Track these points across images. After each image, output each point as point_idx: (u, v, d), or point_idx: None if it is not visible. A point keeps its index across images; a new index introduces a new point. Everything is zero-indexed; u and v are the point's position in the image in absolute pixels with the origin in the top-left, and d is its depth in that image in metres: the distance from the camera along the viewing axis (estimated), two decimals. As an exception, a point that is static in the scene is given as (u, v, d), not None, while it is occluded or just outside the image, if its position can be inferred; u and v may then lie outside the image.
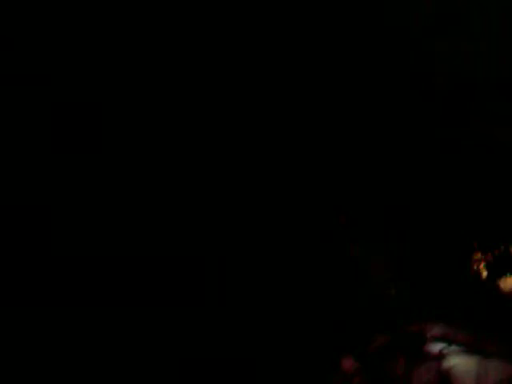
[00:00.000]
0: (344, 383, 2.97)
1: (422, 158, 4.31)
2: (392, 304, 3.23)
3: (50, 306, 4.46)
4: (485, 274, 3.30)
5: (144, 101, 4.88)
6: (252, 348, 3.96)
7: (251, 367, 3.89)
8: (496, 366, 2.93)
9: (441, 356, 2.96)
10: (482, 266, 3.29)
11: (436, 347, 3.02)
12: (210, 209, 4.81)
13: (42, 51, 4.60)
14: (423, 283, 3.24)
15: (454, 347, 3.02)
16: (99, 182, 4.78)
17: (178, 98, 4.91)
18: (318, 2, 4.74)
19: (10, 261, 4.47)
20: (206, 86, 4.90)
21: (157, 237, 4.77)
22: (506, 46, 4.46)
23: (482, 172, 4.05)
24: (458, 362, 2.95)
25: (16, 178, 4.59)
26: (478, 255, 3.28)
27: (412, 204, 3.94)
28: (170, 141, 4.91)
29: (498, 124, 4.38)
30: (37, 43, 4.59)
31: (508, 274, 3.25)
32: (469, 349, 3.01)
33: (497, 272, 3.16)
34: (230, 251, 4.65)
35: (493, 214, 3.62)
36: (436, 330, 3.04)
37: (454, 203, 3.81)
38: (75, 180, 4.72)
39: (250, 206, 4.78)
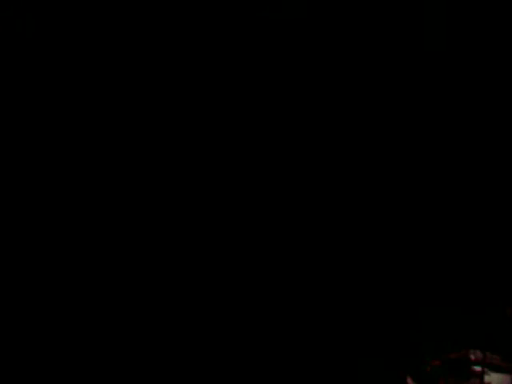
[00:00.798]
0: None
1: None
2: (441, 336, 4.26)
3: (48, 306, 4.28)
4: None
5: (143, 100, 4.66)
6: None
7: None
8: (523, 380, 3.92)
9: (481, 374, 3.96)
10: None
11: (477, 368, 4.02)
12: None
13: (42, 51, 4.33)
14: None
15: (490, 367, 4.03)
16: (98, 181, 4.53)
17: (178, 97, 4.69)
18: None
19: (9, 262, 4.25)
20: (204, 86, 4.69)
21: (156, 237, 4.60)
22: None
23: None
24: (494, 377, 3.94)
25: (15, 178, 4.34)
26: None
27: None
28: (170, 141, 4.70)
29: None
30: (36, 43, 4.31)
31: None
32: (501, 369, 4.01)
33: None
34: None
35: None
36: (476, 355, 4.05)
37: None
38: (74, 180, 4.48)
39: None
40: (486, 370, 4.00)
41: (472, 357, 4.05)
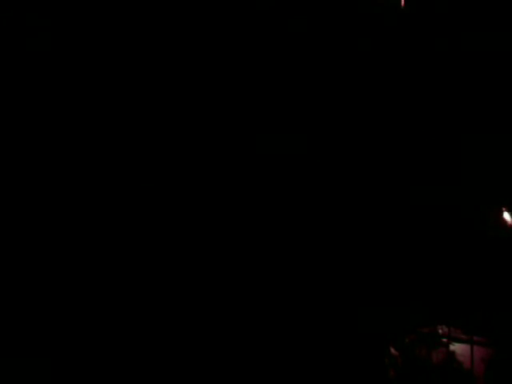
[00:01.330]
0: (391, 363, 5.09)
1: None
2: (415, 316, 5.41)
3: (49, 307, 4.19)
4: None
5: (144, 103, 4.56)
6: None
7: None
8: (480, 349, 5.06)
9: (447, 344, 5.10)
10: None
11: (444, 339, 5.16)
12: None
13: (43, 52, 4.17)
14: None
15: (454, 339, 5.18)
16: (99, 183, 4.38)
17: (178, 100, 4.60)
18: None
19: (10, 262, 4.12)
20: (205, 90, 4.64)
21: (156, 240, 4.54)
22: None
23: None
24: (457, 347, 5.09)
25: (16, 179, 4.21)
26: None
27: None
28: (171, 144, 4.62)
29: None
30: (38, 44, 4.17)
31: None
32: (463, 340, 5.17)
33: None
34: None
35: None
36: (443, 329, 5.19)
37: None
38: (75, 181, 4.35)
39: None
40: (450, 341, 5.16)
41: (440, 331, 5.20)
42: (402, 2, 5.10)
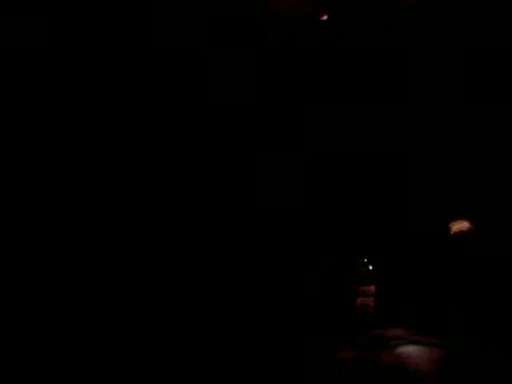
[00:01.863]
0: (344, 365, 4.95)
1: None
2: (369, 316, 5.33)
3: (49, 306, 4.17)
4: None
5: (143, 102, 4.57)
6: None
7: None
8: (436, 351, 4.95)
9: (402, 346, 4.99)
10: None
11: (399, 341, 5.06)
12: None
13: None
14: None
15: (409, 341, 5.08)
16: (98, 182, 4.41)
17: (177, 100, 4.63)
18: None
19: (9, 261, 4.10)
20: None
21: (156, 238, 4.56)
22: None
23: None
24: (413, 349, 4.98)
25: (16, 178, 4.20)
26: None
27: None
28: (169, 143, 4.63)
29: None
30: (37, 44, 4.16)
31: None
32: (419, 342, 5.06)
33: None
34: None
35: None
36: (398, 331, 5.11)
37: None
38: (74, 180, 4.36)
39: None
40: (405, 342, 5.03)
41: (393, 332, 5.08)
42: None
